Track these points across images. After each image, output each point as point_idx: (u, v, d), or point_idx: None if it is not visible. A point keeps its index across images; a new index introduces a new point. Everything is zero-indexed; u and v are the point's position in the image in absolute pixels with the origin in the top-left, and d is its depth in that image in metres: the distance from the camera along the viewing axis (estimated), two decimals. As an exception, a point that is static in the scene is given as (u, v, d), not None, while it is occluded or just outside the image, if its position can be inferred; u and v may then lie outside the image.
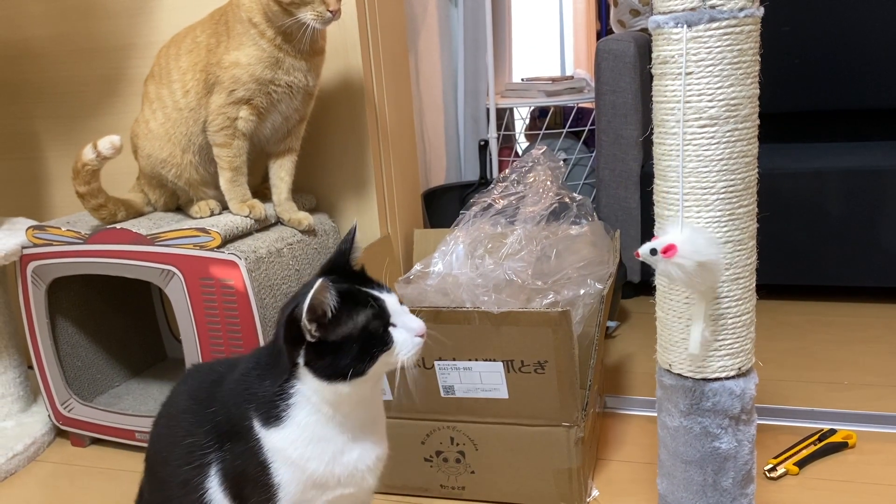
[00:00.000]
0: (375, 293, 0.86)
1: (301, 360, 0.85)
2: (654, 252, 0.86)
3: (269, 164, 1.48)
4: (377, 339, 0.84)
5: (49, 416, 1.56)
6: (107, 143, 1.36)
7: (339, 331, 0.83)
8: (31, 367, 1.56)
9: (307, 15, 1.28)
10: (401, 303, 0.89)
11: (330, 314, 0.82)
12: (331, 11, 1.28)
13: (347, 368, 0.83)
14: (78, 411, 1.53)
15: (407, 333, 0.86)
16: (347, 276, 0.91)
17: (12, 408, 1.60)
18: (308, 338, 0.83)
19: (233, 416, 0.90)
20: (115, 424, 1.51)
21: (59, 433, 1.61)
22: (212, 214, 1.46)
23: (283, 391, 0.87)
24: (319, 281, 0.80)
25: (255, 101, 1.37)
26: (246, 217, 1.42)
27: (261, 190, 1.54)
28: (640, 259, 0.87)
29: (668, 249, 0.85)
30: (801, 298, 2.02)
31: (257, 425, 0.88)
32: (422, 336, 0.87)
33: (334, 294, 0.82)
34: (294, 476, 0.87)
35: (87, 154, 1.38)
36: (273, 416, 0.87)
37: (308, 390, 0.86)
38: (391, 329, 0.86)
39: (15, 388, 1.60)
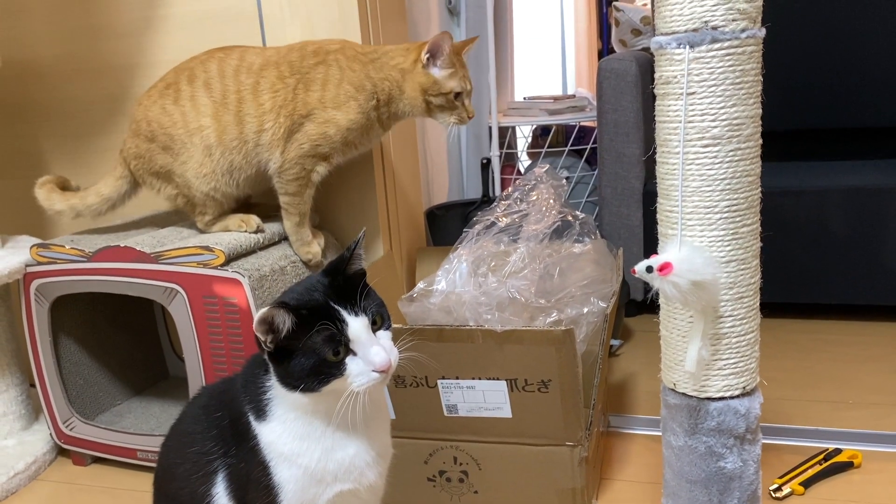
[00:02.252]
0: (344, 315, 0.83)
1: (266, 357, 0.86)
2: (650, 269, 0.86)
3: None
4: (330, 364, 0.82)
5: (51, 434, 1.56)
6: None
7: (295, 345, 0.82)
8: (33, 386, 1.56)
9: (451, 118, 1.39)
10: (377, 324, 0.86)
11: (286, 331, 0.81)
12: (470, 118, 1.41)
13: (299, 382, 0.83)
14: (79, 430, 1.53)
15: (365, 366, 0.83)
16: (343, 282, 0.88)
17: (14, 426, 1.59)
18: (263, 346, 0.83)
19: (234, 415, 0.90)
20: (116, 443, 1.50)
21: (61, 452, 1.60)
22: (258, 230, 1.45)
23: (263, 384, 0.88)
24: (273, 308, 0.80)
25: (334, 159, 1.42)
26: (308, 261, 1.49)
27: (262, 206, 1.55)
28: (637, 276, 0.87)
29: (664, 267, 0.85)
30: (804, 317, 2.01)
31: (252, 419, 0.88)
32: (382, 371, 0.83)
33: (290, 316, 0.81)
34: (292, 474, 0.87)
35: None
36: (261, 409, 0.88)
37: (279, 385, 0.87)
38: (349, 358, 0.83)
39: (17, 407, 1.59)
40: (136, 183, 1.53)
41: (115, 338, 1.67)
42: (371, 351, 0.83)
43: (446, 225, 2.25)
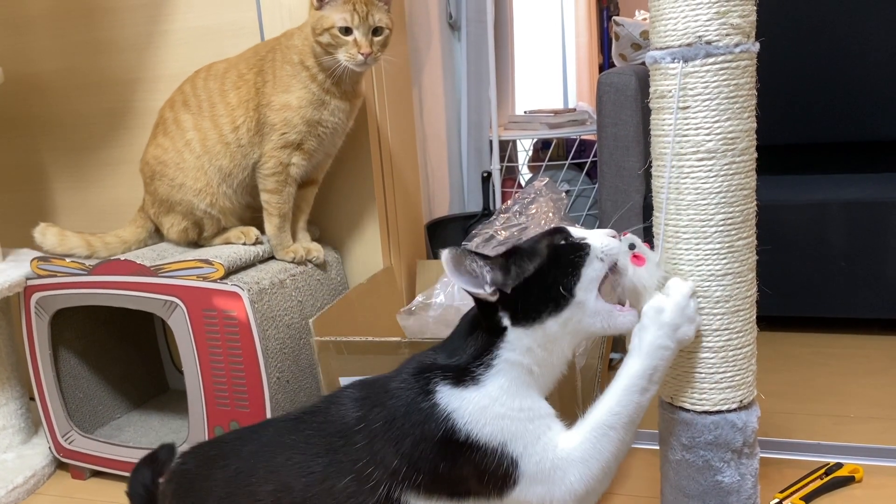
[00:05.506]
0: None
1: (507, 322, 0.82)
2: (632, 247, 0.86)
3: None
4: (569, 247, 0.83)
5: (50, 448, 1.56)
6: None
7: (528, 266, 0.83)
8: (32, 399, 1.56)
9: (341, 56, 1.32)
10: None
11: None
12: (362, 54, 1.31)
13: (560, 287, 0.81)
14: (79, 443, 1.53)
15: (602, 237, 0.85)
16: None
17: (13, 440, 1.59)
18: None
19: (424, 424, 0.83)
20: (115, 457, 1.50)
21: (60, 465, 1.60)
22: (257, 241, 1.46)
23: (480, 362, 0.83)
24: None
25: (307, 145, 1.41)
26: (290, 262, 1.48)
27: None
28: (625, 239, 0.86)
29: (638, 258, 0.85)
30: (805, 330, 2.01)
31: (442, 398, 0.82)
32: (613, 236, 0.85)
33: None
34: (518, 427, 0.81)
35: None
36: (462, 380, 0.82)
37: (515, 354, 0.83)
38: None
39: (16, 420, 1.59)
40: (155, 231, 1.56)
41: (114, 351, 1.67)
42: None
43: (447, 238, 2.26)
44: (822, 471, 1.33)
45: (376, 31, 1.33)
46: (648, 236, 0.97)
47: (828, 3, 2.38)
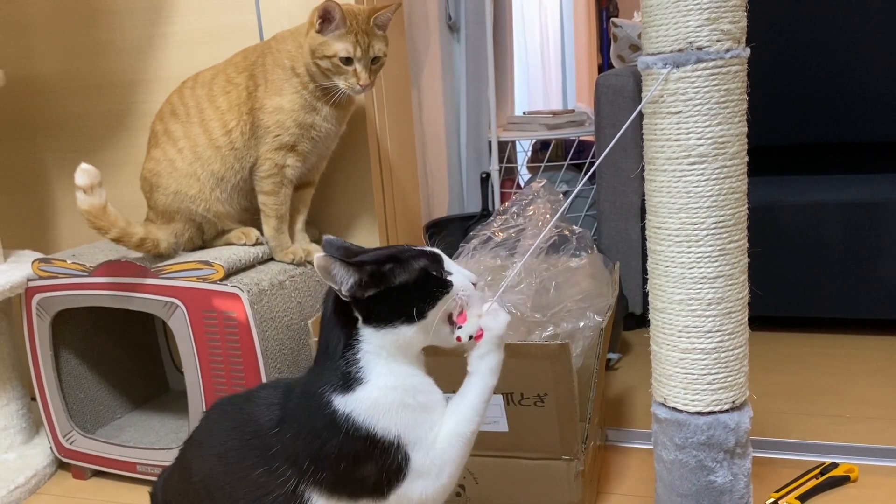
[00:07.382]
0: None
1: (359, 319, 0.87)
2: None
3: None
4: (436, 280, 0.87)
5: (51, 447, 1.57)
6: (78, 174, 1.31)
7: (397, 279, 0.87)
8: (33, 399, 1.57)
9: (340, 83, 1.35)
10: None
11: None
12: (361, 85, 1.35)
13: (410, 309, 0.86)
14: (80, 443, 1.54)
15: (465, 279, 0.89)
16: None
17: (14, 440, 1.60)
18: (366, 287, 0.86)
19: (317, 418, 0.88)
20: (116, 457, 1.51)
21: (61, 465, 1.61)
22: (257, 242, 1.48)
23: (348, 360, 0.87)
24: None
25: (300, 147, 1.42)
26: (289, 263, 1.49)
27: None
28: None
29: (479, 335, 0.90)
30: (801, 330, 2.01)
31: (336, 399, 0.86)
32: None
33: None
34: (405, 414, 0.86)
35: (80, 200, 1.33)
36: (349, 385, 0.87)
37: (372, 346, 0.87)
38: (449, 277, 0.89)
39: (17, 420, 1.61)
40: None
41: (115, 351, 1.68)
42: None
43: (446, 239, 2.26)
44: (818, 470, 1.34)
45: (374, 59, 1.36)
46: (642, 237, 0.98)
47: (824, 5, 2.38)
